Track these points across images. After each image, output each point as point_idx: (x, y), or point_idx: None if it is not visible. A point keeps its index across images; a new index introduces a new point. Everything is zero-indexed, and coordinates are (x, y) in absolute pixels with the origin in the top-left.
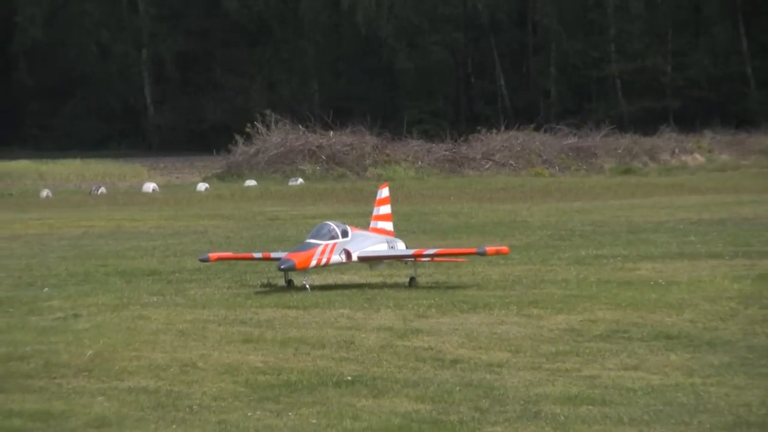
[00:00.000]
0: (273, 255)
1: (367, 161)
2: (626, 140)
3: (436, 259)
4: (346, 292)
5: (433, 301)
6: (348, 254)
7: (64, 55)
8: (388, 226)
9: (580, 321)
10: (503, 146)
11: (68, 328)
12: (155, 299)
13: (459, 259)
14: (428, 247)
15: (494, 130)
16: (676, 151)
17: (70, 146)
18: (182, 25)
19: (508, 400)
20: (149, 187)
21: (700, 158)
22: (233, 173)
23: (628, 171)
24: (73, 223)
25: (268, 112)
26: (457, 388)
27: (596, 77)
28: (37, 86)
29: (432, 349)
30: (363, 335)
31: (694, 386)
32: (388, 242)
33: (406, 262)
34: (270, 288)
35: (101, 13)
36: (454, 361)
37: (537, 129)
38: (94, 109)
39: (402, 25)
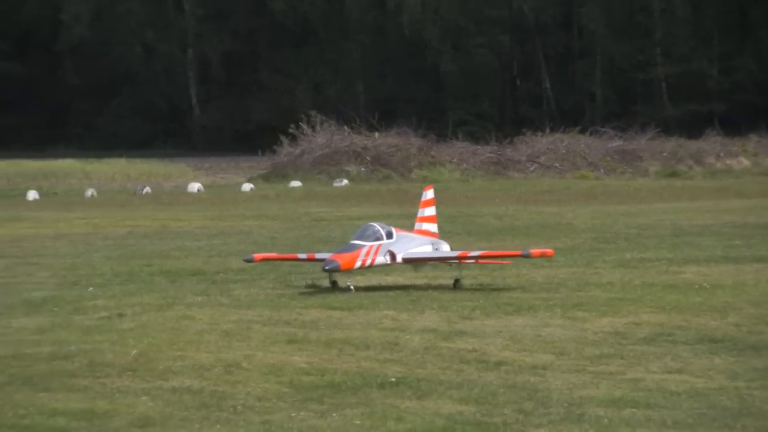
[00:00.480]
0: (318, 256)
1: (412, 163)
2: (671, 143)
3: (480, 261)
4: (391, 293)
5: (477, 303)
6: (393, 256)
7: (109, 54)
8: (433, 227)
9: (625, 324)
10: (548, 149)
11: (113, 327)
12: (200, 299)
13: (504, 261)
14: (473, 249)
15: (539, 133)
16: (722, 154)
17: (115, 146)
18: (228, 25)
19: (552, 402)
20: (194, 187)
21: (745, 162)
22: (278, 174)
23: (673, 174)
24: (118, 222)
25: (313, 112)
26: (501, 390)
27: (642, 80)
28: (82, 85)
29: (476, 351)
30: (407, 337)
31: (738, 390)
32: (432, 244)
33: (450, 264)
34: (314, 289)
35: (147, 13)
36: (498, 363)
37: (582, 132)
38: (139, 108)
39: (447, 27)
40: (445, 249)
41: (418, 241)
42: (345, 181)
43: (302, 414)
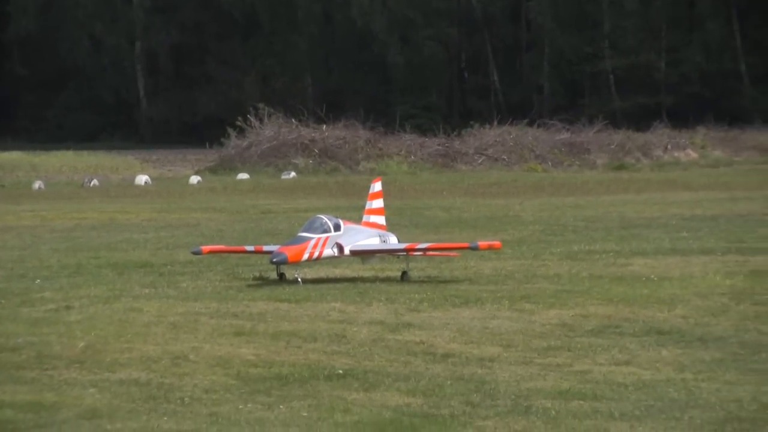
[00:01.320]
0: (265, 248)
1: (360, 155)
2: (619, 136)
3: (428, 253)
4: (338, 285)
5: (425, 296)
6: (340, 248)
7: (57, 46)
8: (381, 220)
9: (572, 316)
10: (496, 141)
11: (60, 319)
12: (147, 291)
13: (451, 254)
14: (420, 242)
15: (487, 125)
16: (669, 147)
17: (63, 138)
18: (176, 17)
19: (500, 394)
20: (142, 179)
21: (693, 154)
22: (226, 166)
23: (620, 167)
24: (66, 215)
25: (261, 105)
26: (449, 382)
27: (590, 73)
28: (30, 77)
29: (423, 343)
30: (355, 329)
31: (686, 382)
32: (380, 236)
33: (398, 256)
34: (262, 281)
35: (94, 5)
36: (446, 356)
37: (530, 124)
38: (87, 101)
39: (395, 19)
40: (392, 241)
41: (366, 234)
42: (293, 174)
43: (250, 406)
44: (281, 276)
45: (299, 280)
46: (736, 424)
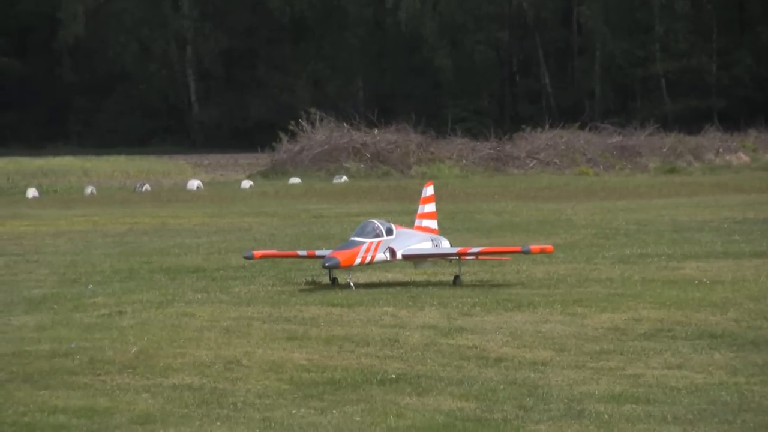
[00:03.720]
0: (318, 253)
1: (412, 159)
2: (671, 139)
3: (480, 257)
4: (391, 290)
5: (477, 300)
6: (393, 252)
7: (106, 52)
8: (433, 224)
9: (625, 320)
10: (548, 145)
11: (113, 324)
12: (200, 296)
13: (503, 258)
14: (473, 246)
15: (539, 129)
16: (721, 150)
17: (114, 143)
18: (226, 22)
19: (552, 398)
20: (194, 184)
21: (744, 157)
22: (278, 171)
23: (672, 170)
24: (118, 220)
25: (312, 109)
26: (501, 387)
27: (641, 76)
28: (80, 83)
29: (476, 347)
30: (407, 333)
31: (738, 385)
32: (432, 240)
33: (450, 261)
34: (314, 286)
35: (142, 11)
36: (498, 360)
37: (581, 128)
38: (137, 106)
39: (446, 23)
40: (444, 245)
41: (418, 238)
42: (344, 178)
43: (302, 411)
44: (333, 280)
45: (351, 284)
46: None
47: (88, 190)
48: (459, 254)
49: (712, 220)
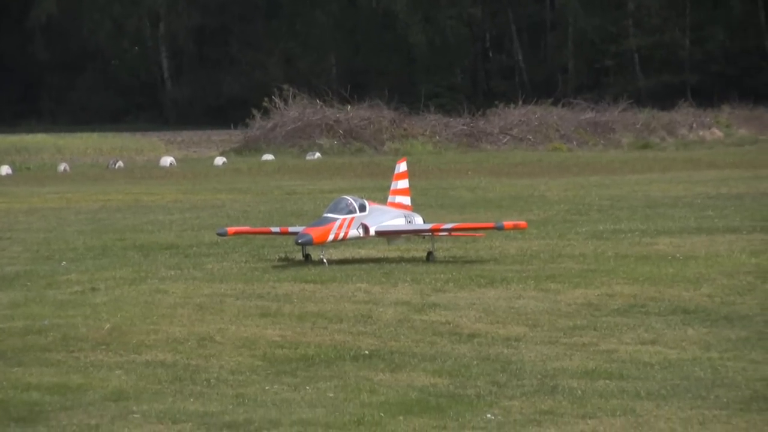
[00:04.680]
0: (290, 229)
1: (385, 136)
2: (644, 115)
3: (453, 233)
4: (364, 266)
5: (450, 276)
6: (366, 228)
7: (79, 29)
8: (406, 200)
9: (598, 295)
10: (521, 121)
11: (86, 301)
12: (173, 273)
13: (476, 234)
14: (446, 222)
15: (512, 105)
16: (694, 125)
17: (87, 120)
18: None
19: (526, 374)
20: (167, 161)
21: (717, 133)
22: (250, 147)
23: (645, 146)
24: (91, 197)
25: (285, 86)
26: (475, 363)
27: (614, 52)
28: (53, 60)
29: (449, 323)
30: (380, 309)
31: (711, 361)
32: (405, 217)
33: (423, 237)
34: (287, 262)
35: None
36: (472, 336)
37: (555, 104)
38: (110, 83)
39: None
40: (418, 222)
41: (392, 214)
42: (317, 155)
43: (275, 387)
44: (307, 257)
45: (325, 261)
46: (762, 403)
47: (61, 167)
48: (432, 230)
49: (686, 195)
